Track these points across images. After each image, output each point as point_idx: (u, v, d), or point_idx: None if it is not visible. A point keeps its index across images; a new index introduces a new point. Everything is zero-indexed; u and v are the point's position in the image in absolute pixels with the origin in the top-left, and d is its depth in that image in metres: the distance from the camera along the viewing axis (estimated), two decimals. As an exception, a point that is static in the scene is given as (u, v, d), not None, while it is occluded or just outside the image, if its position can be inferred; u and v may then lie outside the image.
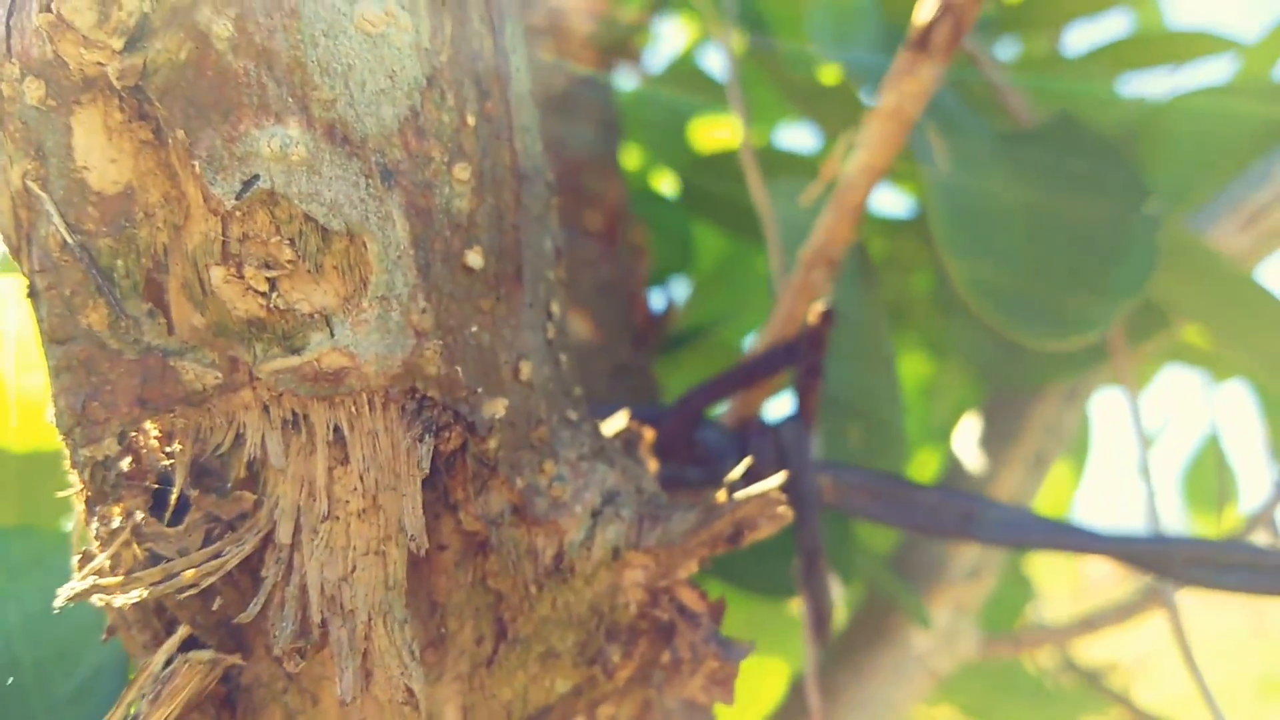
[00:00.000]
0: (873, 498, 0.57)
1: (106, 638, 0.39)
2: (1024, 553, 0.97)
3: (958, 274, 0.58)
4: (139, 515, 0.34)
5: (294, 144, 0.32)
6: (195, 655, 0.36)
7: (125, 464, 0.34)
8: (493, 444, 0.37)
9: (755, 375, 0.61)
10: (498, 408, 0.37)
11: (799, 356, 0.60)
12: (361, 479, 0.35)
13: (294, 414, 0.35)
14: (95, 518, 0.35)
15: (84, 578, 0.34)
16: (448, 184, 0.36)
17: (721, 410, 0.66)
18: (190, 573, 0.33)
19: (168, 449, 0.34)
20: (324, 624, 0.34)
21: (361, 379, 0.34)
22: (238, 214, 0.32)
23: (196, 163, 0.31)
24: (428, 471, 0.34)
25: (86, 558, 0.36)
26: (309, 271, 0.33)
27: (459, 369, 0.36)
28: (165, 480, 0.34)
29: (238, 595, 0.36)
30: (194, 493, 0.34)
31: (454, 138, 0.36)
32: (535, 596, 0.39)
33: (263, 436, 0.35)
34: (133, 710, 0.36)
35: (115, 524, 0.34)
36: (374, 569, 0.35)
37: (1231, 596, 0.53)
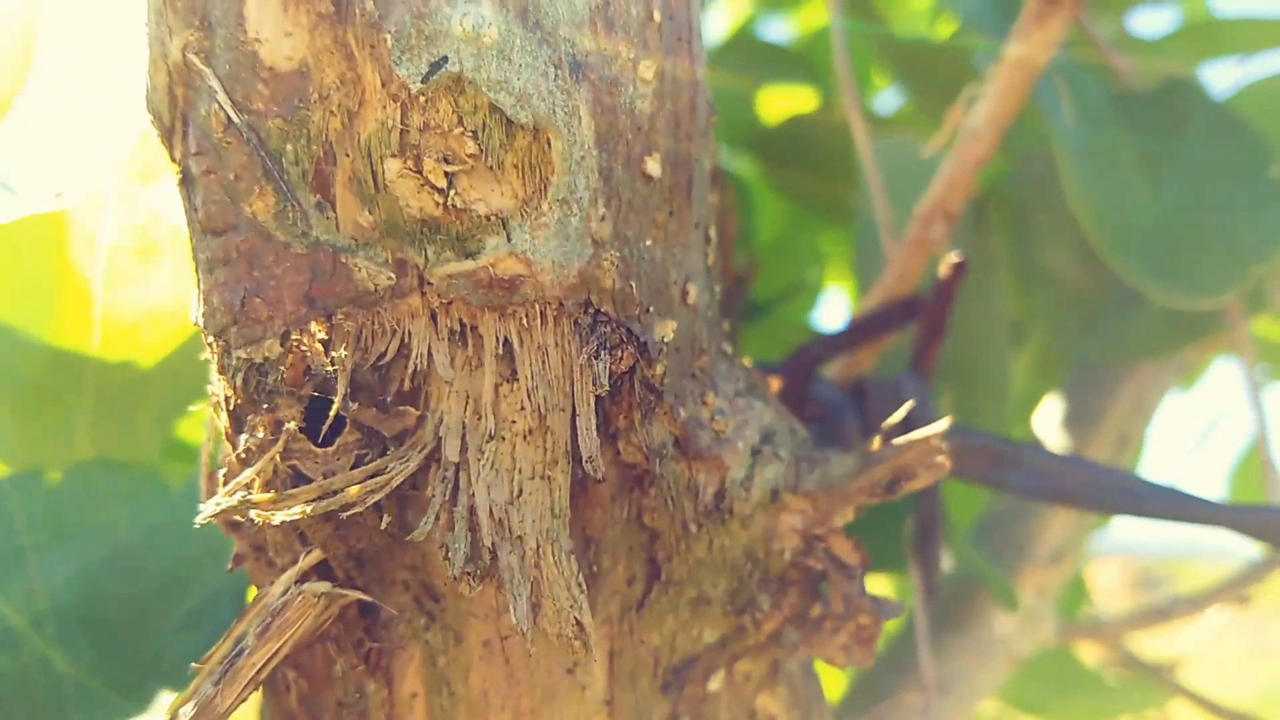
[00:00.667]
0: (993, 462, 0.54)
1: (233, 567, 0.36)
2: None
3: (1092, 227, 0.55)
4: (292, 425, 0.31)
5: (487, 24, 0.29)
6: (310, 587, 0.33)
7: (285, 368, 0.31)
8: (660, 369, 0.35)
9: (869, 332, 0.59)
10: (667, 330, 0.35)
11: (916, 313, 0.58)
12: (530, 397, 0.33)
13: (462, 324, 0.32)
14: (244, 429, 0.32)
15: (230, 493, 0.32)
16: (632, 82, 0.33)
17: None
18: (355, 489, 0.30)
19: (331, 354, 0.31)
20: (493, 550, 0.31)
21: (536, 288, 0.32)
22: (420, 100, 0.29)
23: (388, 36, 0.29)
24: (606, 389, 0.32)
25: (228, 473, 0.33)
26: (490, 168, 0.31)
27: (633, 284, 0.34)
28: (322, 391, 0.32)
29: (376, 520, 0.34)
30: (353, 406, 0.32)
31: (640, 32, 0.33)
32: (692, 536, 0.37)
33: (429, 347, 0.32)
34: (242, 644, 0.33)
35: (263, 436, 0.32)
36: (541, 494, 0.33)
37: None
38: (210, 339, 0.32)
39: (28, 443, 0.50)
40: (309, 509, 0.30)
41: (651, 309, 0.34)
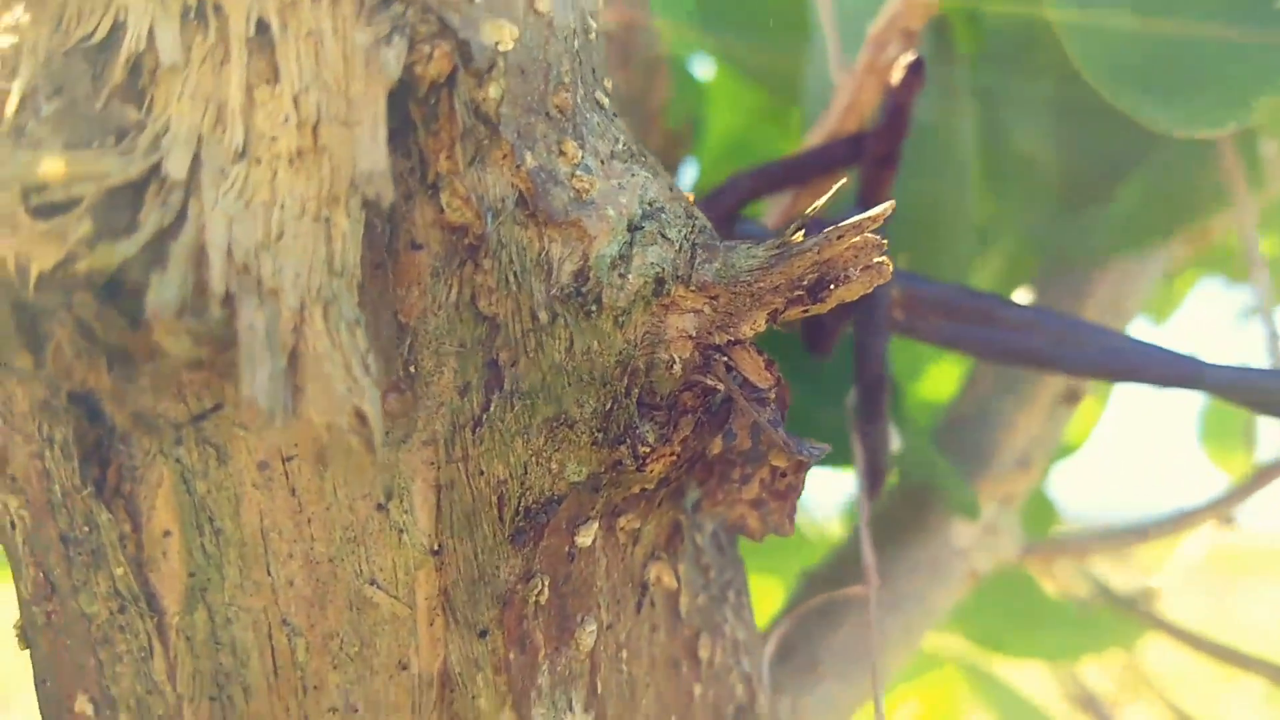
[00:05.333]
0: (950, 315, 0.45)
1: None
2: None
3: (1081, 55, 0.47)
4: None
5: None
6: None
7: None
8: (493, 91, 0.25)
9: (807, 171, 0.50)
10: (503, 35, 0.26)
11: (863, 149, 0.49)
12: (296, 103, 0.23)
13: (198, -5, 0.23)
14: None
15: None
16: None
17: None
18: (58, 166, 0.21)
19: (11, 20, 0.22)
20: (229, 300, 0.22)
21: (302, -59, 0.22)
22: None
23: None
24: (395, 80, 0.23)
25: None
26: None
27: (450, -44, 0.24)
28: (6, 75, 0.22)
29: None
30: (52, 104, 0.22)
31: None
32: (545, 331, 0.27)
33: (151, 24, 0.23)
34: None
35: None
36: (311, 240, 0.24)
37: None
38: None
39: None
40: None
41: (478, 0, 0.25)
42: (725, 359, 0.30)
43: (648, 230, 0.29)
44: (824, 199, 0.31)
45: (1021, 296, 0.76)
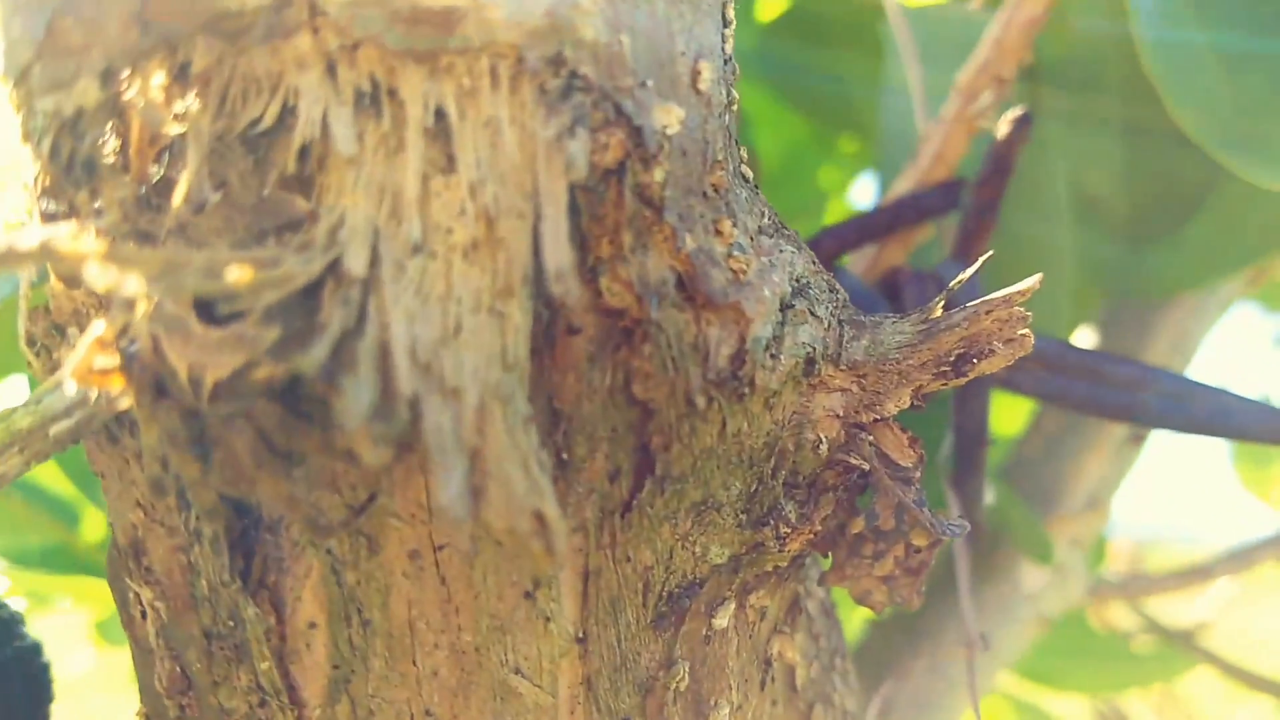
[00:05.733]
0: (1052, 370, 0.44)
1: None
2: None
3: (1180, 112, 0.46)
4: (126, 210, 0.21)
5: None
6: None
7: (109, 130, 0.21)
8: (658, 175, 0.25)
9: (898, 219, 0.49)
10: (670, 118, 0.25)
11: (957, 199, 0.48)
12: (473, 193, 0.23)
13: (374, 83, 0.22)
14: (50, 210, 0.22)
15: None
16: None
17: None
18: (244, 275, 0.20)
19: (179, 107, 0.21)
20: (415, 405, 0.21)
21: (483, 29, 0.22)
22: None
23: None
24: (583, 177, 0.22)
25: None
26: None
27: (624, 40, 0.24)
28: (170, 163, 0.22)
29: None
30: (215, 196, 0.22)
31: None
32: (699, 416, 0.27)
33: (324, 110, 0.22)
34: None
35: (75, 238, 0.22)
36: (487, 334, 0.23)
37: None
38: (12, 89, 0.22)
39: None
40: (170, 280, 0.20)
41: (650, 83, 0.24)
42: (869, 437, 0.29)
43: (798, 309, 0.28)
44: (971, 270, 0.30)
45: (1085, 332, 0.75)
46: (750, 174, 0.30)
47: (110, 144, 0.21)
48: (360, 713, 0.27)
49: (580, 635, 0.27)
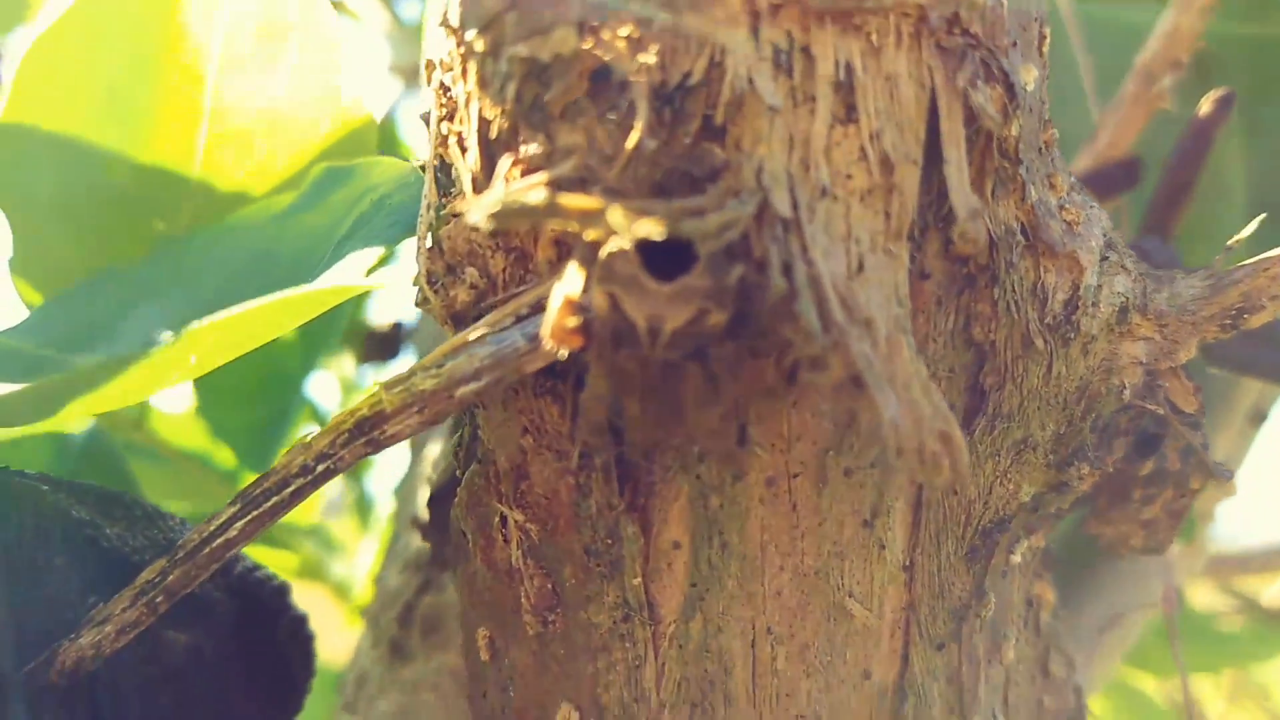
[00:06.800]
0: (1264, 341, 0.46)
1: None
2: None
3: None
4: (582, 156, 0.23)
5: None
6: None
7: (577, 74, 0.23)
8: (1014, 129, 0.27)
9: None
10: (1030, 76, 0.27)
11: (1137, 177, 0.50)
12: (872, 142, 0.24)
13: (790, 39, 0.24)
14: (515, 149, 0.24)
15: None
16: None
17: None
18: (712, 219, 0.22)
19: (635, 60, 0.23)
20: (842, 331, 0.23)
21: (897, -10, 0.24)
22: None
23: None
24: (999, 123, 0.24)
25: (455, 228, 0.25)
26: None
27: (1005, 2, 0.26)
28: (625, 111, 0.24)
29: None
30: (654, 140, 0.24)
31: None
32: (1031, 357, 0.29)
33: (749, 68, 0.24)
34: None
35: (533, 175, 0.24)
36: (885, 271, 0.25)
37: None
38: (476, 36, 0.24)
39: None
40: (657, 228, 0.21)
41: (1018, 43, 0.26)
42: (1165, 384, 0.31)
43: (1112, 261, 0.30)
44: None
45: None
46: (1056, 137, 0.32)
47: (579, 90, 0.23)
48: (710, 629, 0.29)
49: (907, 563, 0.29)
